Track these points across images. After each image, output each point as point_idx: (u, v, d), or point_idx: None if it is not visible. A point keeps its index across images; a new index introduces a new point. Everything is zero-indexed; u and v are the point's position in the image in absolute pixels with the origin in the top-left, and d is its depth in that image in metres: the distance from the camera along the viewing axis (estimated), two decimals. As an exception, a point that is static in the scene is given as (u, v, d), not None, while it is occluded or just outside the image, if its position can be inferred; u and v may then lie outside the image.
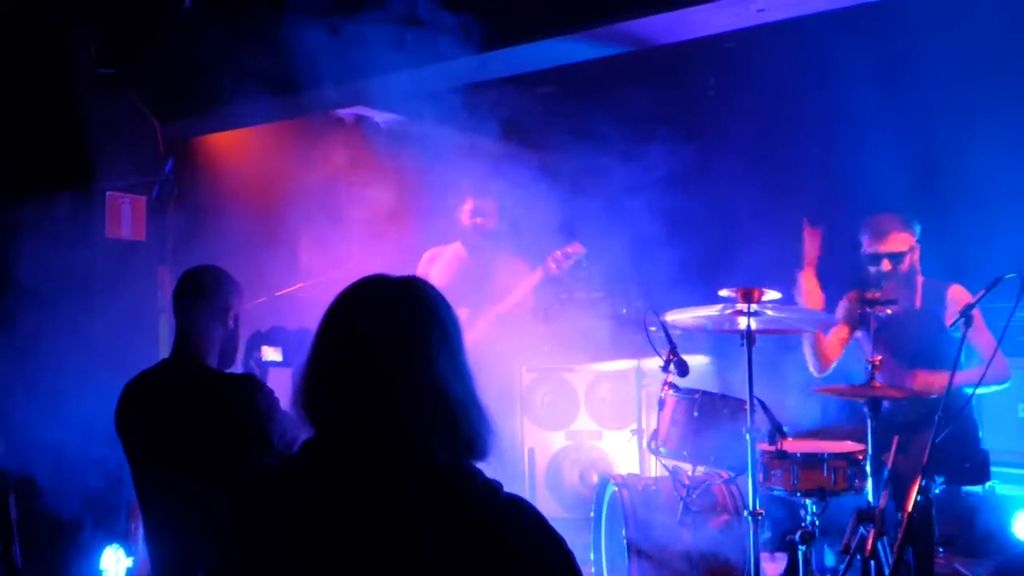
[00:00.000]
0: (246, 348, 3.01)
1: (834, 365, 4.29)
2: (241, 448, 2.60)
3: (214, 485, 2.49)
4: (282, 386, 2.87)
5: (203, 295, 2.82)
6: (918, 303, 4.18)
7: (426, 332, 1.56)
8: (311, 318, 2.99)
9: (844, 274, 4.35)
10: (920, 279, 4.20)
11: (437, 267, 5.25)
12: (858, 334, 4.28)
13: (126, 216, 5.02)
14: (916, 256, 4.17)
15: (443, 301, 1.63)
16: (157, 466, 2.74)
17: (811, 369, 4.32)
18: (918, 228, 4.18)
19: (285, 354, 2.95)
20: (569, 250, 5.02)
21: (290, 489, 1.53)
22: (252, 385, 2.75)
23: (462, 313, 1.66)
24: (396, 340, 1.55)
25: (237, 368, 2.95)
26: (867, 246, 4.19)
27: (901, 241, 4.13)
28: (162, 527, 2.73)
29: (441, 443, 1.52)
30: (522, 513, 1.49)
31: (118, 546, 4.55)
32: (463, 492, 1.47)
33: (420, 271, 5.11)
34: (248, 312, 3.07)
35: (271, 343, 2.98)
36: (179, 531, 2.64)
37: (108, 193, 4.93)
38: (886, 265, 4.11)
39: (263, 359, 2.99)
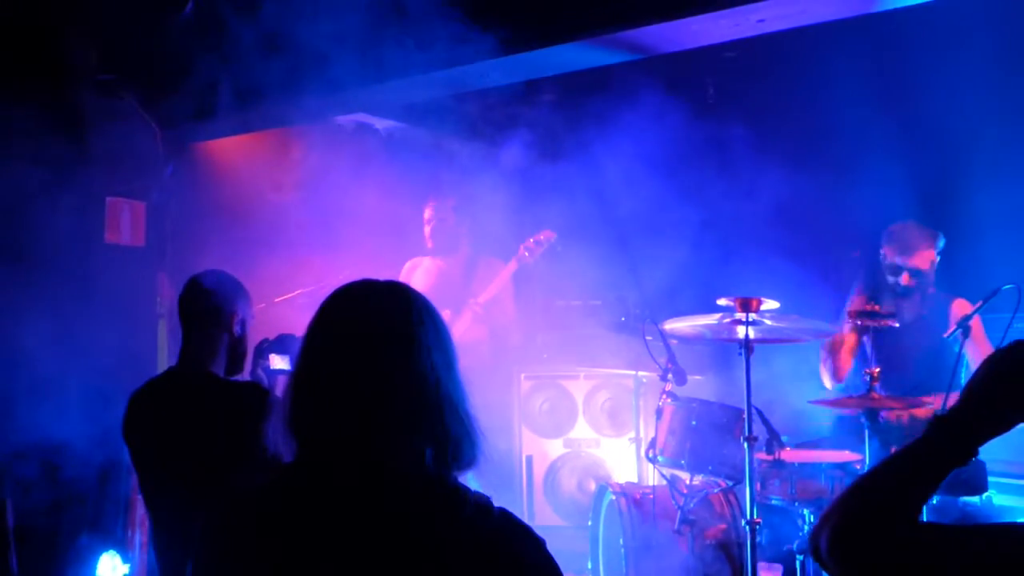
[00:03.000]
0: (253, 356, 2.97)
1: (848, 377, 4.25)
2: (243, 457, 2.59)
3: (218, 493, 2.49)
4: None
5: (208, 301, 2.77)
6: (922, 315, 4.15)
7: (416, 331, 1.53)
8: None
9: (844, 284, 4.35)
10: (930, 291, 4.16)
11: (418, 274, 5.29)
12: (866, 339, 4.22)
13: (125, 222, 5.01)
14: (934, 270, 4.11)
15: (429, 303, 1.61)
16: (163, 474, 2.73)
17: (826, 383, 4.28)
18: (942, 243, 4.11)
19: (293, 362, 2.91)
20: (541, 237, 5.10)
21: (277, 503, 1.50)
22: (256, 393, 2.73)
23: (444, 314, 1.65)
24: (386, 340, 1.52)
25: (244, 376, 2.93)
26: (890, 256, 4.10)
27: (926, 258, 4.06)
28: (169, 534, 2.72)
29: (429, 448, 1.48)
30: (515, 531, 1.46)
31: (114, 553, 4.55)
32: (456, 509, 1.44)
33: (402, 280, 5.12)
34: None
35: (279, 351, 2.93)
36: (186, 538, 2.63)
37: (108, 199, 4.93)
38: (906, 279, 4.06)
39: (271, 367, 2.94)
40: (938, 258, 4.11)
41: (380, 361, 1.50)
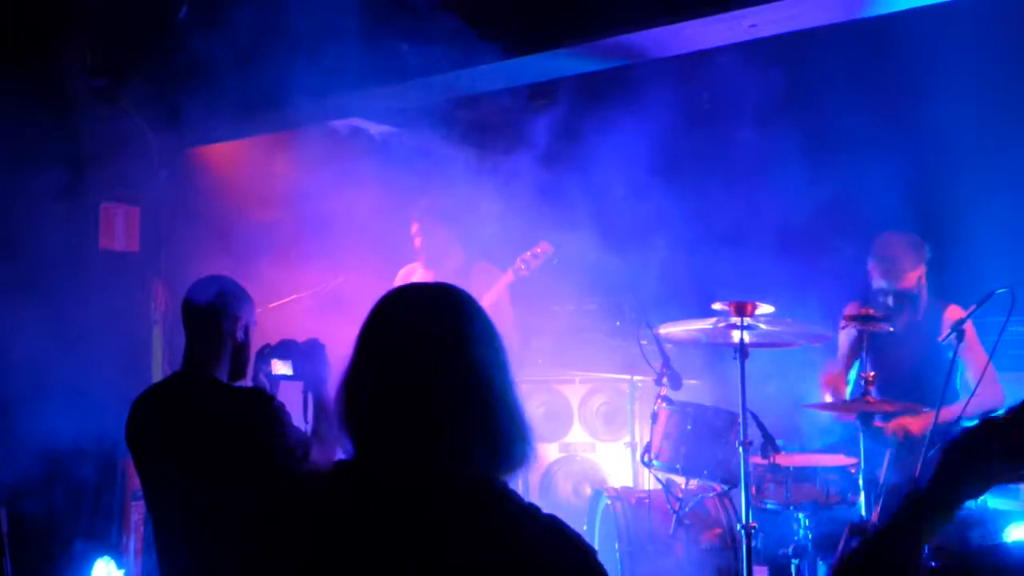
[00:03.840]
0: (255, 361, 2.96)
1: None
2: (248, 462, 2.59)
3: (222, 498, 2.49)
4: (292, 400, 2.85)
5: (212, 306, 2.78)
6: (916, 321, 4.15)
7: (467, 330, 1.53)
8: (310, 330, 2.98)
9: (839, 289, 4.35)
10: (922, 299, 4.16)
11: (414, 280, 5.28)
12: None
13: (120, 227, 5.00)
14: (923, 280, 4.09)
15: (478, 304, 1.60)
16: (166, 479, 2.74)
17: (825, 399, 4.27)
18: (928, 254, 4.08)
19: (295, 367, 2.89)
20: (538, 250, 5.08)
21: (327, 502, 1.50)
22: (260, 399, 2.74)
23: None
24: (438, 340, 1.51)
25: (247, 382, 2.93)
26: (876, 278, 4.08)
27: (913, 277, 4.03)
28: (172, 538, 2.72)
29: (481, 447, 1.48)
30: (563, 538, 1.45)
31: (109, 559, 4.54)
32: (503, 512, 1.43)
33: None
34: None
35: (281, 356, 2.93)
36: (189, 542, 2.63)
37: (102, 204, 4.92)
38: (892, 302, 4.06)
39: (273, 372, 2.93)
40: (926, 269, 4.09)
41: (432, 361, 1.50)
